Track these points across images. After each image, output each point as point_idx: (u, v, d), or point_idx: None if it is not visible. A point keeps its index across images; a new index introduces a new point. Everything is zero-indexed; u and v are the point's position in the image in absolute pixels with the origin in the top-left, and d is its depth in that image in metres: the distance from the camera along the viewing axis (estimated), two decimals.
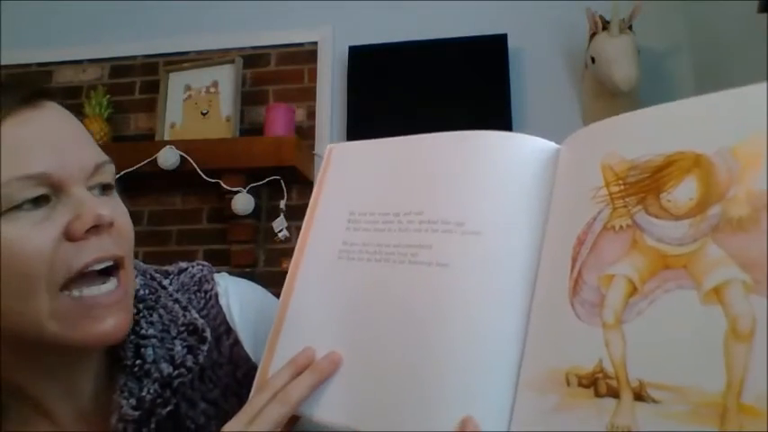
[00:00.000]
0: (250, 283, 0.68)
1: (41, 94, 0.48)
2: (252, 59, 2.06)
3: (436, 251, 0.48)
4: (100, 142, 0.52)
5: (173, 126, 2.01)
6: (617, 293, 0.39)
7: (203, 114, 2.00)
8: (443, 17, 1.97)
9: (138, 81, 2.14)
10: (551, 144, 0.49)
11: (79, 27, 2.18)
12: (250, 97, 2.03)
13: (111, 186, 0.51)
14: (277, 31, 2.07)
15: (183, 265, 0.64)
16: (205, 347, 0.55)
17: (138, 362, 0.52)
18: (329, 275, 0.53)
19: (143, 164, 1.82)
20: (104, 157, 0.50)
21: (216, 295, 0.62)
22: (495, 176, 0.49)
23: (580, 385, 0.39)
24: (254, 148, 1.84)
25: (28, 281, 0.44)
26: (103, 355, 0.55)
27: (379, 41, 1.96)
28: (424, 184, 0.52)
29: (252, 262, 1.92)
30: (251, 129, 2.00)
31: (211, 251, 1.97)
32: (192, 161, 1.82)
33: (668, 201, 0.39)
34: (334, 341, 0.50)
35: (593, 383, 0.38)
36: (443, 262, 0.47)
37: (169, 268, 0.63)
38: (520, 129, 1.82)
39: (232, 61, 1.99)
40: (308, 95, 2.02)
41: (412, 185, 0.52)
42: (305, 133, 1.98)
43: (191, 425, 0.55)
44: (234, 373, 0.59)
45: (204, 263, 0.65)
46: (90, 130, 0.52)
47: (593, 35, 1.72)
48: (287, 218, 1.89)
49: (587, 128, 0.47)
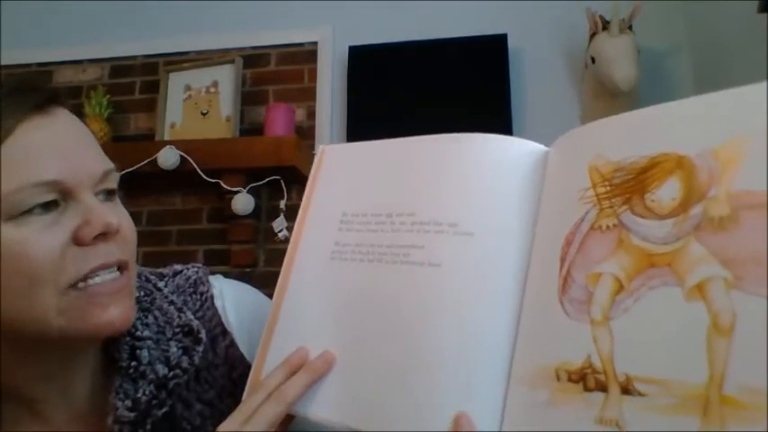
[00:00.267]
0: (245, 285, 0.69)
1: (53, 99, 0.49)
2: (252, 59, 2.06)
3: (428, 251, 0.48)
4: (100, 142, 0.53)
5: (173, 126, 2.02)
6: (604, 291, 0.40)
7: (203, 114, 2.00)
8: (443, 17, 1.97)
9: (138, 81, 2.14)
10: (541, 147, 0.50)
11: (79, 27, 2.19)
12: (250, 97, 2.03)
13: (114, 192, 0.52)
14: (277, 31, 2.07)
15: (177, 267, 0.64)
16: (200, 349, 0.55)
17: (134, 363, 0.52)
18: (322, 276, 0.54)
19: (143, 164, 1.82)
20: (111, 165, 0.51)
21: (211, 297, 0.62)
22: (486, 179, 0.49)
23: (569, 380, 0.40)
24: (254, 148, 1.84)
25: (36, 282, 0.45)
26: (99, 356, 0.55)
27: (379, 41, 1.96)
28: (415, 185, 0.52)
29: (252, 262, 1.92)
30: (251, 129, 2.00)
31: (211, 251, 1.97)
32: (192, 161, 1.82)
33: (652, 201, 0.40)
34: (327, 341, 0.51)
35: (582, 378, 0.39)
36: (436, 262, 0.48)
37: (164, 270, 0.64)
38: (520, 128, 1.83)
39: (232, 61, 2.00)
40: (308, 95, 2.02)
41: (404, 187, 0.53)
42: (305, 133, 1.98)
43: (186, 426, 0.55)
44: (229, 374, 0.59)
45: (199, 265, 0.65)
46: (90, 130, 0.53)
47: (593, 35, 1.72)
48: (287, 218, 1.89)
49: (574, 131, 0.48)
